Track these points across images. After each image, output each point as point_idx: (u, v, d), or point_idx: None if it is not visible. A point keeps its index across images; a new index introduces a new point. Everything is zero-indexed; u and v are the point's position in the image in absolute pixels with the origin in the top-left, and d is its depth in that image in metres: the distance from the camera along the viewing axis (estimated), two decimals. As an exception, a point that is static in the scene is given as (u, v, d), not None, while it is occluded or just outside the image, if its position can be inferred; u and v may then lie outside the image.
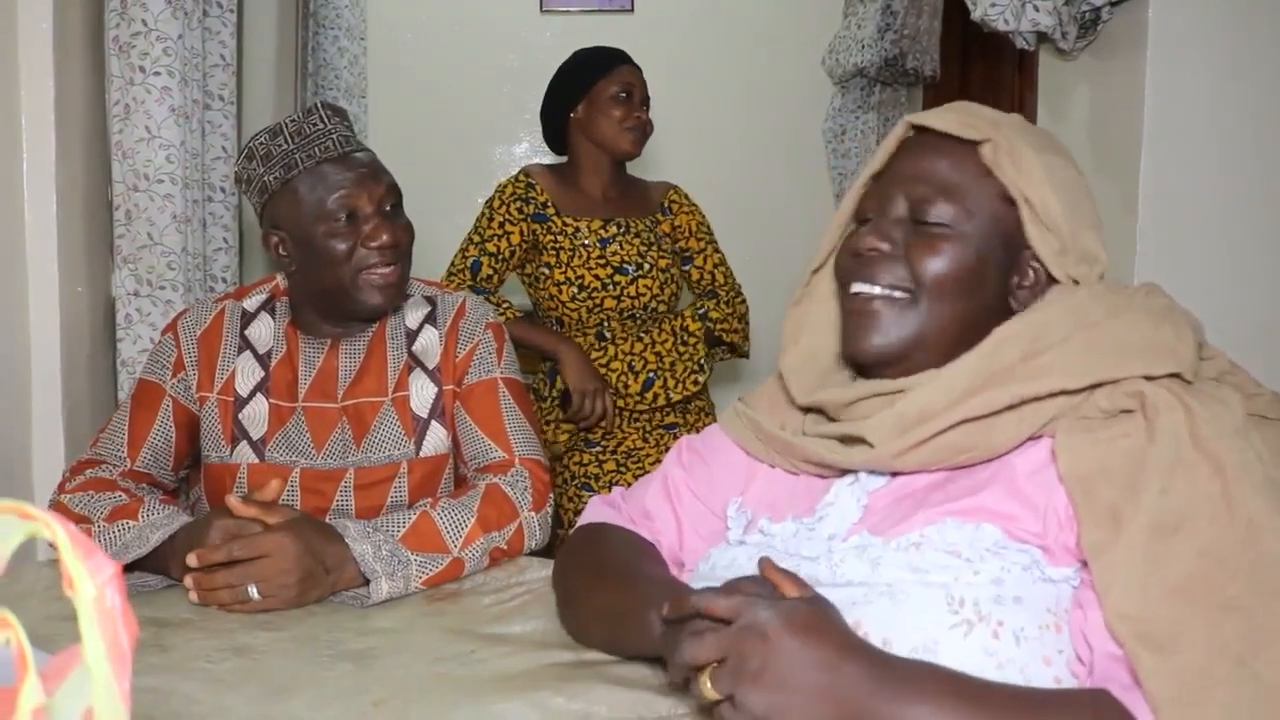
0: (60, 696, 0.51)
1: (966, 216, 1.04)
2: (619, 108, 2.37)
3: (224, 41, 2.27)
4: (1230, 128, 2.01)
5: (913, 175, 1.07)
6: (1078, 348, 0.98)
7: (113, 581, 0.52)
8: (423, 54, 3.78)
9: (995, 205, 1.05)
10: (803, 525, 1.07)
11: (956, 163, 1.06)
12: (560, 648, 1.17)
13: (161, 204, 2.02)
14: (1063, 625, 0.91)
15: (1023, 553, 0.93)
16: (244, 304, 1.64)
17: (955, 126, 1.07)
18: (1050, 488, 0.96)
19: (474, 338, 1.63)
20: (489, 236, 2.34)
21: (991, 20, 2.08)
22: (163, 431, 1.56)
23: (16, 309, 1.88)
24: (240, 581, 1.29)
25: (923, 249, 1.04)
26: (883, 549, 0.97)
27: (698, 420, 2.41)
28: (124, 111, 2.00)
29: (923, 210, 1.05)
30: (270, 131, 1.56)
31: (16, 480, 1.87)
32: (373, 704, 1.02)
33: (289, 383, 1.59)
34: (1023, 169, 1.04)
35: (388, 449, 1.57)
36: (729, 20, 3.83)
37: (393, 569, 1.34)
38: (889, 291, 1.05)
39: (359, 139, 1.61)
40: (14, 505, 0.52)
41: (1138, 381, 0.95)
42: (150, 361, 1.62)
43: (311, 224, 1.53)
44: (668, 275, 2.38)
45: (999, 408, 0.97)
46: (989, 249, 1.04)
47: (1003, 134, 1.05)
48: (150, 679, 1.05)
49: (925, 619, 0.90)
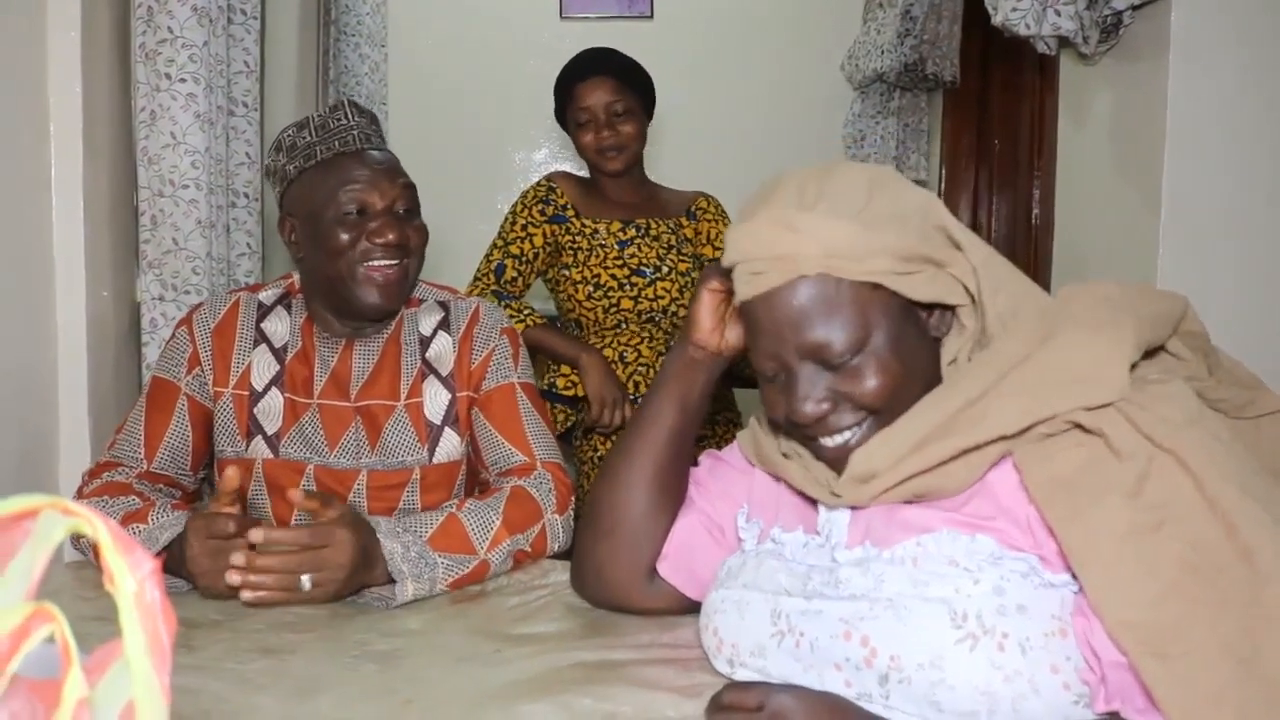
0: (102, 689, 0.52)
1: (861, 331, 1.01)
2: (584, 134, 2.35)
3: (248, 48, 2.29)
4: (1252, 131, 2.00)
5: (788, 331, 1.02)
6: (1011, 388, 0.97)
7: (152, 576, 0.53)
8: (443, 60, 3.80)
9: (866, 297, 1.01)
10: (811, 540, 1.09)
11: (807, 295, 1.01)
12: (584, 649, 1.18)
13: (186, 209, 2.04)
14: (1068, 630, 0.91)
15: (1020, 560, 0.94)
16: (259, 297, 1.64)
17: (768, 281, 1.02)
18: (1025, 501, 0.97)
19: (489, 344, 1.63)
20: (512, 240, 2.35)
21: (1013, 25, 2.08)
22: (179, 431, 1.56)
23: (43, 313, 1.90)
24: (298, 569, 1.30)
25: (852, 386, 1.02)
26: (884, 564, 0.98)
27: (726, 432, 2.40)
28: (150, 118, 2.02)
29: (826, 359, 1.02)
30: (297, 125, 1.59)
31: (44, 483, 1.89)
32: (401, 703, 1.02)
33: (305, 379, 1.59)
34: (834, 247, 1.00)
35: (401, 454, 1.57)
36: (748, 25, 3.83)
37: (419, 570, 1.35)
38: (856, 430, 1.04)
39: (383, 144, 1.62)
40: (57, 501, 0.53)
41: (1075, 414, 0.94)
42: (164, 358, 1.61)
43: (321, 212, 1.53)
44: (687, 279, 2.36)
45: (942, 460, 0.98)
46: (897, 334, 1.02)
47: (789, 239, 1.00)
48: (179, 678, 1.06)
49: (930, 635, 0.91)
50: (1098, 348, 0.96)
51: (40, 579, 0.53)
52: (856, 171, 1.06)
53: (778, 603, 1.04)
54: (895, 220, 1.02)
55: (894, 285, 1.01)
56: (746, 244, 1.04)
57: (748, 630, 1.05)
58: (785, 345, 1.03)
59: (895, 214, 1.02)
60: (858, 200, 1.02)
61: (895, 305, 1.02)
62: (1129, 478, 0.90)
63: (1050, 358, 0.97)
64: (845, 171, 1.06)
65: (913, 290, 1.02)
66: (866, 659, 0.94)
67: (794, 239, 1.00)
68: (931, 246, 1.02)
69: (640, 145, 2.39)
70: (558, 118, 2.45)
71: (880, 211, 1.02)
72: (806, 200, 1.03)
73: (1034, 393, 0.96)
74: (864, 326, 1.01)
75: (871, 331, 1.01)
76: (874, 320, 1.01)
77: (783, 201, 1.04)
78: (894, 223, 1.01)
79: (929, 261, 1.02)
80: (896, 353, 1.02)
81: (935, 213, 1.04)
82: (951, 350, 1.07)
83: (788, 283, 1.01)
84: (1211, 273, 2.00)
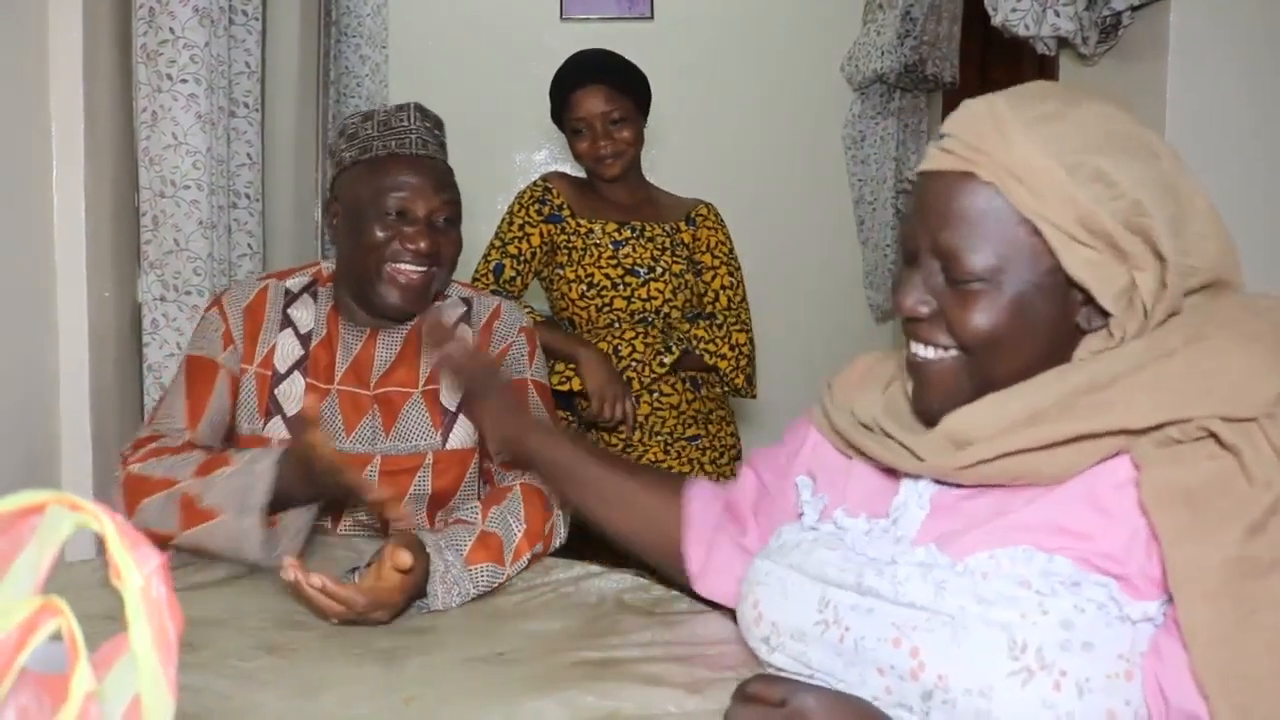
0: (109, 683, 0.53)
1: (997, 262, 0.94)
2: (580, 143, 2.35)
3: (249, 49, 2.29)
4: (1252, 131, 2.00)
5: (933, 219, 0.97)
6: (1147, 381, 0.90)
7: (159, 572, 0.53)
8: (443, 62, 3.80)
9: (1021, 237, 0.94)
10: (876, 525, 1.03)
11: (968, 198, 0.95)
12: (587, 647, 1.18)
13: (188, 210, 2.04)
14: (1135, 673, 0.85)
15: (1100, 586, 0.87)
16: (287, 284, 1.67)
17: (946, 162, 0.97)
18: (1133, 506, 0.89)
19: (507, 339, 1.66)
20: (510, 240, 2.36)
21: (1012, 25, 2.08)
22: (219, 404, 1.58)
23: (45, 314, 1.90)
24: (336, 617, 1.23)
25: (956, 310, 0.96)
26: (949, 572, 0.92)
27: (719, 430, 2.41)
28: (151, 118, 2.02)
29: (949, 267, 0.96)
30: (363, 115, 1.62)
31: (46, 483, 1.88)
32: (403, 701, 1.03)
33: (326, 365, 1.61)
34: (1024, 171, 0.92)
35: (414, 439, 1.59)
36: (748, 27, 3.83)
37: (450, 593, 1.32)
38: (941, 355, 0.99)
39: (441, 151, 1.65)
40: (64, 497, 0.53)
41: (1212, 421, 0.86)
42: (197, 337, 1.63)
43: (364, 207, 1.57)
44: (681, 280, 2.36)
45: (1054, 441, 0.91)
46: (1032, 292, 0.94)
47: (993, 136, 0.94)
48: (182, 676, 1.04)
49: (983, 661, 0.86)
50: (1252, 357, 0.89)
51: (47, 574, 0.53)
52: (1110, 120, 0.96)
53: (826, 592, 0.99)
54: (1106, 188, 0.92)
55: (1053, 241, 0.92)
56: (961, 117, 0.98)
57: (791, 611, 1.01)
58: (925, 230, 0.97)
59: (1112, 182, 0.92)
60: (1088, 144, 0.93)
61: (1048, 266, 0.94)
62: (1257, 509, 0.83)
63: (1197, 358, 0.90)
64: (1099, 114, 0.96)
65: (1070, 262, 0.92)
66: (914, 671, 0.89)
67: (995, 140, 0.94)
68: (1125, 237, 0.92)
69: (638, 148, 2.38)
70: (554, 119, 2.45)
71: (1097, 169, 0.92)
72: (1041, 111, 0.95)
73: (1173, 389, 0.88)
74: (1003, 259, 0.93)
75: (1007, 270, 0.94)
76: (1016, 262, 0.94)
77: (1022, 103, 0.96)
78: (1102, 189, 0.92)
79: (1112, 247, 0.92)
80: (1019, 307, 0.94)
81: (1153, 209, 0.93)
82: (1090, 347, 0.98)
83: (960, 174, 0.95)
84: (1211, 272, 2.00)
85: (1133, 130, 0.96)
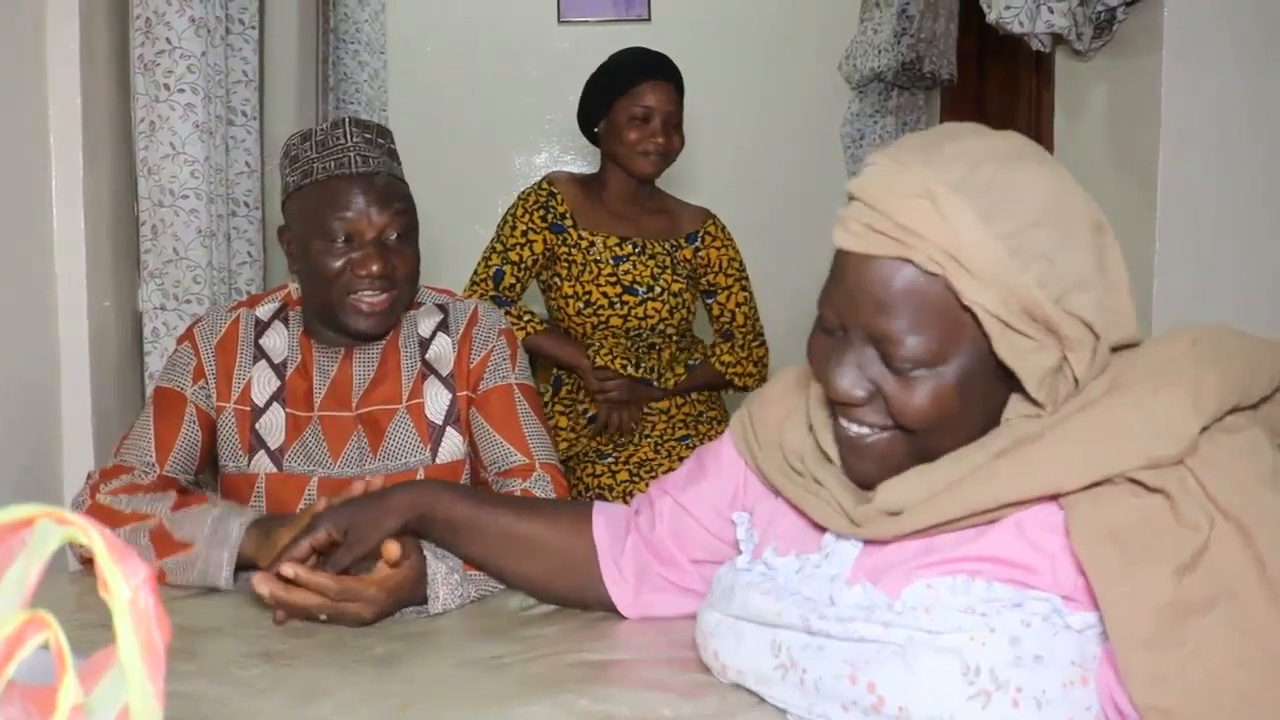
0: (97, 695, 0.53)
1: (938, 348, 0.90)
2: (634, 130, 2.29)
3: (246, 58, 2.30)
4: (1247, 125, 2.01)
5: (867, 305, 0.91)
6: (1070, 435, 0.89)
7: (147, 584, 0.54)
8: (442, 66, 3.81)
9: (964, 322, 0.90)
10: (807, 562, 1.02)
11: (906, 285, 0.89)
12: (584, 650, 1.18)
13: (187, 219, 2.05)
14: (1089, 678, 0.85)
15: (1042, 602, 0.87)
16: (256, 312, 1.66)
17: (878, 245, 0.89)
18: (1063, 545, 0.89)
19: (488, 344, 1.65)
20: (511, 245, 2.34)
21: (1007, 23, 2.09)
22: (189, 436, 1.58)
23: (45, 323, 1.91)
24: (318, 611, 1.24)
25: (898, 395, 0.92)
26: (888, 612, 0.90)
27: (710, 430, 2.41)
28: (149, 128, 2.03)
29: (888, 354, 0.91)
30: (302, 135, 1.59)
31: (47, 493, 1.89)
32: (400, 707, 1.03)
33: (305, 392, 1.60)
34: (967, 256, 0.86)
35: (404, 456, 1.59)
36: (746, 27, 3.84)
37: (451, 594, 1.33)
38: (878, 433, 0.95)
39: (386, 161, 1.59)
40: (51, 510, 0.53)
41: (1137, 472, 0.86)
42: (168, 369, 1.63)
43: (312, 236, 1.54)
44: (679, 300, 2.34)
45: (983, 509, 0.90)
46: (974, 370, 0.91)
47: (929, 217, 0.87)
48: (180, 685, 1.07)
49: (940, 689, 0.85)
50: (1166, 406, 0.86)
51: (35, 587, 0.54)
52: (1047, 181, 0.91)
53: (776, 635, 0.98)
54: (1049, 266, 0.88)
55: (991, 330, 0.88)
56: (877, 185, 0.90)
57: (747, 657, 1.01)
58: (857, 316, 0.92)
59: (1053, 261, 0.88)
60: (1027, 216, 0.88)
61: (988, 348, 0.90)
62: (1185, 551, 0.81)
63: (1115, 409, 0.88)
64: (1035, 174, 0.91)
65: (1005, 350, 0.89)
66: (875, 705, 0.88)
67: (932, 221, 0.87)
68: (1065, 321, 0.89)
69: (675, 159, 2.37)
70: (584, 110, 2.40)
71: (1040, 250, 0.88)
72: (975, 182, 0.88)
73: (1095, 443, 0.87)
74: (945, 346, 0.90)
75: (949, 355, 0.90)
76: (958, 346, 0.90)
77: (948, 165, 0.89)
78: (1045, 267, 0.88)
79: (1050, 332, 0.90)
80: (962, 389, 0.91)
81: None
82: (1019, 410, 0.96)
83: (894, 258, 0.89)
84: (1208, 266, 2.00)
85: (1068, 195, 0.92)
